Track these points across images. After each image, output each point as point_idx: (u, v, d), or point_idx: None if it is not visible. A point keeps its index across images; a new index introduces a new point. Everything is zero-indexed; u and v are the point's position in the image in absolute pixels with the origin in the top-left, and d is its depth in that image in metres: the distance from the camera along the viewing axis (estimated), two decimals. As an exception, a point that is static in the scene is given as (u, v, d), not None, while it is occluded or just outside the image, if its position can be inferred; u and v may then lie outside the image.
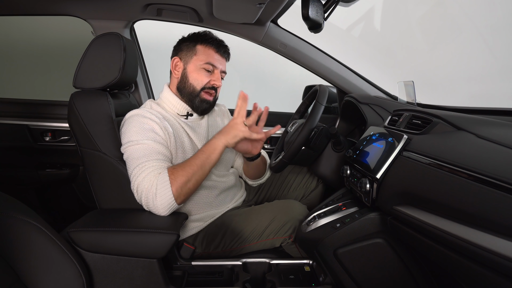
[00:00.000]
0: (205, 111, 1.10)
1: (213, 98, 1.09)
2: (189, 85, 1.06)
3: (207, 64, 1.05)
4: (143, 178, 0.88)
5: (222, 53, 1.08)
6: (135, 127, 0.95)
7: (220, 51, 1.08)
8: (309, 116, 1.09)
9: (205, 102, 1.07)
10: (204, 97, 1.06)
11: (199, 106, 1.07)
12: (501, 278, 0.48)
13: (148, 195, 0.87)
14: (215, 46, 1.07)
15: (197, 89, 1.05)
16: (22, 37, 2.14)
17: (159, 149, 0.94)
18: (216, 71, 1.07)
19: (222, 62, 1.09)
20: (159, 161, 0.92)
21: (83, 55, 0.98)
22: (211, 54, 1.06)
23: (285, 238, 1.06)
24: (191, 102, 1.07)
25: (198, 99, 1.06)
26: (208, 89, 1.06)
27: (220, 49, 1.08)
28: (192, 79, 1.05)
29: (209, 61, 1.05)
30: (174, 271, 1.02)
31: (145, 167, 0.90)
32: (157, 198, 0.87)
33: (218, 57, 1.07)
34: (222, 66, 1.09)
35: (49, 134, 1.53)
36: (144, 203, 0.89)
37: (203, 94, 1.06)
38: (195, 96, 1.06)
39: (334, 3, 0.85)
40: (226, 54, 1.10)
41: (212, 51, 1.06)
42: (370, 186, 0.82)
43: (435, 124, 0.78)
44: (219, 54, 1.07)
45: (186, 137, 1.05)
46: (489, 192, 0.51)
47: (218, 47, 1.07)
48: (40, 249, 0.74)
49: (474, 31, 1.95)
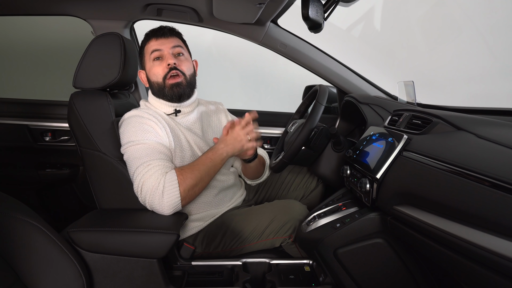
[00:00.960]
0: (181, 96, 1.05)
1: (182, 78, 1.04)
2: (154, 83, 1.05)
3: (153, 53, 1.03)
4: (149, 177, 0.88)
5: (161, 35, 1.04)
6: (134, 127, 0.95)
7: (158, 35, 1.04)
8: (309, 116, 1.09)
9: (174, 86, 1.03)
10: (170, 83, 1.03)
11: (172, 95, 1.03)
12: (501, 278, 0.48)
13: (155, 194, 0.87)
14: (153, 35, 1.05)
15: (160, 81, 1.03)
16: (22, 37, 2.14)
17: (160, 149, 0.94)
18: (165, 52, 1.03)
19: (166, 41, 1.04)
20: (163, 160, 0.93)
21: (83, 55, 0.98)
22: (152, 45, 1.04)
23: (285, 238, 1.06)
24: (165, 97, 1.05)
25: (166, 89, 1.03)
26: (168, 73, 1.03)
27: (157, 34, 1.04)
28: (152, 76, 1.05)
29: (151, 49, 1.03)
30: (174, 271, 1.02)
31: (150, 166, 0.90)
32: (164, 197, 0.87)
33: (160, 41, 1.04)
34: (167, 44, 1.03)
35: (49, 134, 1.53)
36: (148, 202, 0.89)
37: (168, 81, 1.03)
38: (162, 88, 1.04)
39: (334, 3, 0.85)
40: (166, 34, 1.05)
41: (152, 41, 1.04)
42: (370, 186, 0.82)
43: (435, 124, 0.78)
44: (160, 38, 1.04)
45: (182, 136, 1.05)
46: (489, 192, 0.51)
47: (155, 35, 1.05)
48: (40, 249, 0.74)
49: (474, 31, 1.95)
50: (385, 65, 2.27)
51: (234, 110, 1.50)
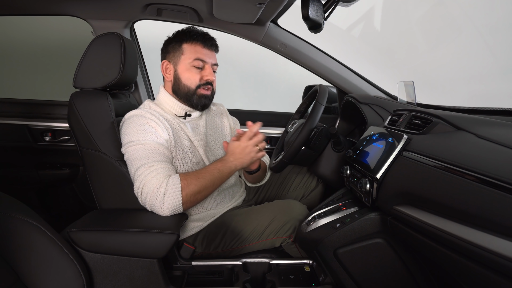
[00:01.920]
0: (205, 106, 1.09)
1: (211, 92, 1.08)
2: (183, 86, 1.05)
3: (196, 60, 1.03)
4: (151, 178, 0.88)
5: (210, 46, 1.06)
6: (135, 127, 0.95)
7: (207, 44, 1.05)
8: (309, 116, 1.09)
9: (203, 97, 1.06)
10: (201, 93, 1.05)
11: (198, 103, 1.06)
12: (501, 278, 0.48)
13: (155, 196, 0.87)
14: (201, 41, 1.05)
15: (192, 88, 1.05)
16: (22, 37, 2.14)
17: (160, 150, 0.94)
18: (207, 65, 1.05)
19: (211, 56, 1.07)
20: (164, 162, 0.93)
21: (83, 55, 0.98)
22: (198, 50, 1.04)
23: (285, 238, 1.06)
24: (189, 102, 1.06)
25: (195, 96, 1.05)
26: (203, 85, 1.05)
27: (206, 43, 1.05)
28: (185, 80, 1.04)
29: (198, 57, 1.03)
30: (174, 271, 1.02)
31: (152, 168, 0.89)
32: (165, 199, 0.87)
33: (206, 52, 1.05)
34: (211, 59, 1.07)
35: (49, 134, 1.53)
36: (149, 203, 0.89)
37: (200, 90, 1.05)
38: (192, 95, 1.05)
39: (334, 3, 0.85)
40: (213, 47, 1.08)
41: (199, 47, 1.04)
42: (370, 186, 0.82)
43: (435, 124, 0.78)
44: (207, 48, 1.05)
45: (185, 137, 1.04)
46: (489, 192, 0.51)
47: (204, 42, 1.05)
48: (40, 249, 0.73)
49: (474, 31, 1.95)
50: (385, 65, 2.27)
51: (234, 110, 1.51)
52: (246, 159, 1.00)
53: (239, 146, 1.00)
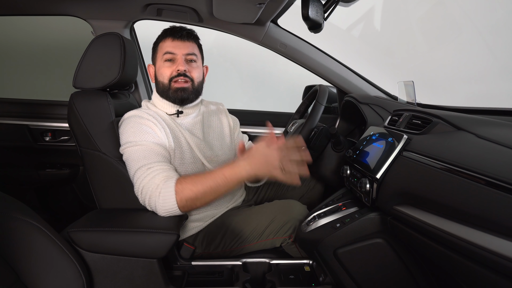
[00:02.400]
0: (184, 100, 1.04)
1: (189, 84, 1.04)
2: (159, 82, 1.05)
3: (166, 54, 1.02)
4: (149, 181, 0.88)
5: (179, 37, 1.03)
6: (133, 127, 0.95)
7: (176, 36, 1.03)
8: (309, 116, 1.09)
9: (179, 90, 1.02)
10: (175, 86, 1.02)
11: (175, 97, 1.03)
12: (501, 278, 0.48)
13: (152, 197, 0.87)
14: (170, 35, 1.03)
15: (165, 82, 1.03)
16: (22, 37, 2.14)
17: (158, 150, 0.94)
18: (177, 57, 1.02)
19: (182, 46, 1.03)
20: (162, 163, 0.92)
21: (83, 55, 0.98)
22: (167, 45, 1.03)
23: (285, 238, 1.06)
24: (169, 98, 1.04)
25: (170, 91, 1.03)
26: (175, 77, 1.03)
27: (175, 35, 1.03)
28: (159, 76, 1.05)
29: (166, 50, 1.02)
30: (174, 271, 1.02)
31: (150, 170, 0.89)
32: (159, 202, 0.86)
33: (176, 43, 1.02)
34: (182, 49, 1.03)
35: (49, 134, 1.53)
36: (148, 204, 0.89)
37: (173, 84, 1.03)
38: (167, 90, 1.03)
39: (334, 3, 0.86)
40: (185, 37, 1.03)
41: (168, 41, 1.03)
42: (370, 186, 0.82)
43: (435, 124, 0.78)
44: (177, 40, 1.03)
45: (182, 137, 1.04)
46: (489, 192, 0.51)
47: (173, 34, 1.03)
48: (40, 249, 0.73)
49: (474, 31, 1.95)
50: (385, 65, 2.27)
51: (234, 110, 1.51)
52: (264, 170, 0.84)
53: (263, 150, 0.85)
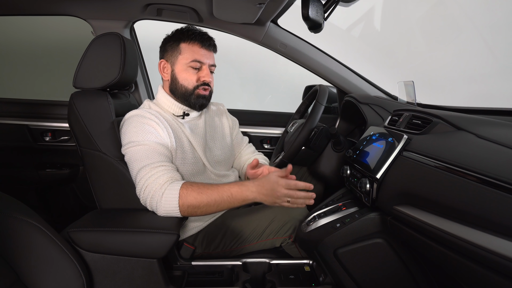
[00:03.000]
0: (203, 106, 1.08)
1: (209, 92, 1.07)
2: (181, 86, 1.04)
3: (194, 61, 1.02)
4: (154, 181, 0.87)
5: (207, 46, 1.04)
6: (135, 127, 0.95)
7: (205, 45, 1.04)
8: (309, 116, 1.09)
9: (201, 97, 1.05)
10: (199, 93, 1.04)
11: (196, 103, 1.05)
12: (501, 278, 0.48)
13: (154, 197, 0.87)
14: (199, 41, 1.03)
15: (190, 88, 1.04)
16: (22, 37, 2.14)
17: (160, 150, 0.94)
18: (204, 66, 1.04)
19: (209, 56, 1.05)
20: (165, 162, 0.92)
21: (83, 55, 0.98)
22: (196, 51, 1.03)
23: (285, 238, 1.06)
24: (187, 101, 1.05)
25: (193, 96, 1.04)
26: (201, 86, 1.04)
27: (204, 43, 1.04)
28: (182, 80, 1.04)
29: (195, 58, 1.02)
30: (174, 271, 1.02)
31: (154, 170, 0.89)
32: (162, 202, 0.86)
33: (204, 52, 1.03)
34: (209, 60, 1.05)
35: (49, 134, 1.53)
36: (149, 203, 0.89)
37: (198, 91, 1.04)
38: (189, 95, 1.04)
39: (334, 3, 0.86)
40: (212, 47, 1.06)
41: (196, 47, 1.03)
42: (370, 186, 0.82)
43: (435, 124, 0.78)
44: (205, 49, 1.04)
45: (184, 137, 1.04)
46: (489, 192, 0.51)
47: (202, 42, 1.03)
48: (40, 249, 0.73)
49: (474, 31, 1.95)
50: (385, 65, 2.27)
51: (234, 110, 1.51)
52: (269, 200, 0.88)
53: (274, 182, 0.87)
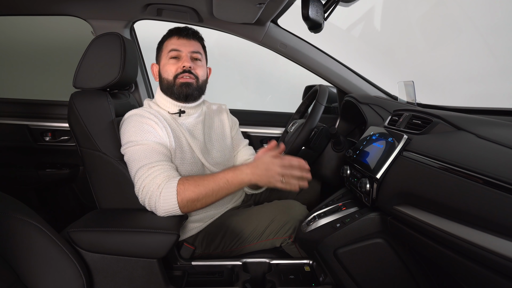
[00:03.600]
0: (190, 96, 1.04)
1: (194, 80, 1.04)
2: (164, 79, 1.05)
3: (171, 51, 1.03)
4: (150, 180, 0.87)
5: (185, 35, 1.05)
6: (134, 127, 0.95)
7: (182, 34, 1.04)
8: (309, 116, 1.09)
9: (184, 85, 1.03)
10: (180, 81, 1.03)
11: (180, 92, 1.03)
12: (501, 278, 0.48)
13: (152, 197, 0.87)
14: (176, 33, 1.05)
15: (170, 79, 1.03)
16: (22, 37, 2.14)
17: (159, 149, 0.94)
18: (183, 54, 1.03)
19: (187, 44, 1.04)
20: (164, 161, 0.92)
21: (83, 55, 0.98)
22: (173, 42, 1.04)
23: (285, 238, 1.06)
24: (173, 94, 1.05)
25: (175, 87, 1.03)
26: (181, 74, 1.03)
27: (181, 33, 1.04)
28: (163, 73, 1.05)
29: (172, 48, 1.03)
30: (174, 271, 1.02)
31: (152, 170, 0.89)
32: (160, 202, 0.86)
33: (181, 41, 1.04)
34: (188, 47, 1.04)
35: (49, 134, 1.52)
36: (147, 204, 0.89)
37: (178, 80, 1.03)
38: (172, 86, 1.04)
39: (334, 3, 0.86)
40: (190, 35, 1.05)
41: (174, 39, 1.04)
42: (370, 186, 0.82)
43: (435, 124, 0.78)
44: (182, 38, 1.04)
45: (183, 138, 1.04)
46: (489, 192, 0.51)
47: (179, 33, 1.05)
48: (40, 249, 0.73)
49: (474, 31, 1.95)
50: (385, 65, 2.27)
51: (235, 110, 1.51)
52: (263, 179, 0.88)
53: (268, 162, 0.88)
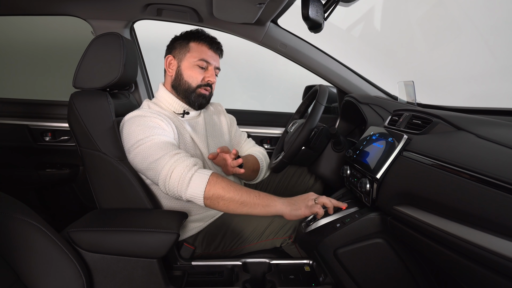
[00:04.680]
0: (201, 106, 1.10)
1: (209, 93, 1.10)
2: (184, 82, 1.06)
3: (201, 60, 1.05)
4: (181, 162, 0.85)
5: (215, 49, 1.09)
6: (139, 126, 0.93)
7: (213, 47, 1.08)
8: (309, 116, 1.09)
9: (201, 97, 1.07)
10: (200, 92, 1.07)
11: (195, 101, 1.07)
12: (501, 278, 0.48)
13: (183, 179, 0.84)
14: (208, 43, 1.07)
15: (193, 86, 1.06)
16: (22, 37, 2.14)
17: (171, 142, 0.93)
18: (210, 67, 1.07)
19: (215, 59, 1.09)
20: (180, 151, 0.91)
21: (83, 55, 0.98)
22: (204, 51, 1.06)
23: (285, 238, 1.06)
24: (187, 98, 1.07)
25: (194, 94, 1.06)
26: (204, 86, 1.07)
27: (213, 46, 1.08)
28: (187, 76, 1.05)
29: (203, 57, 1.05)
30: (174, 271, 1.02)
31: (178, 156, 0.87)
32: (190, 182, 0.84)
33: (211, 54, 1.08)
34: (215, 62, 1.09)
35: (49, 134, 1.52)
36: (177, 187, 0.85)
37: (200, 90, 1.07)
38: (191, 92, 1.06)
39: (334, 3, 0.85)
40: (219, 51, 1.11)
41: (205, 47, 1.07)
42: (370, 186, 0.82)
43: (435, 124, 0.78)
44: (212, 51, 1.08)
45: (187, 134, 1.05)
46: (489, 192, 0.51)
47: (211, 44, 1.08)
48: (40, 249, 0.73)
49: (474, 31, 1.95)
50: (385, 65, 2.27)
51: (234, 110, 1.51)
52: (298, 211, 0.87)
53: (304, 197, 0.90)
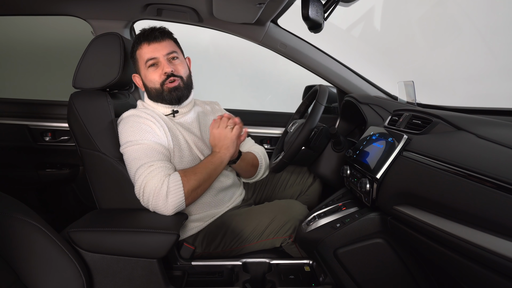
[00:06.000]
0: (181, 98, 1.06)
1: (178, 82, 1.04)
2: (151, 88, 1.04)
3: (148, 61, 1.01)
4: (152, 178, 0.88)
5: (153, 39, 1.01)
6: (132, 127, 0.95)
7: (150, 39, 1.01)
8: (309, 116, 1.09)
9: (172, 90, 1.03)
10: (168, 88, 1.02)
11: (171, 97, 1.04)
12: (501, 278, 0.48)
13: (159, 195, 0.87)
14: (145, 40, 1.01)
15: (157, 86, 1.03)
16: (22, 37, 2.14)
17: (158, 149, 0.94)
18: (160, 59, 1.01)
19: (159, 48, 1.01)
20: (163, 161, 0.93)
21: (82, 55, 0.98)
22: (145, 51, 1.01)
23: (285, 238, 1.06)
24: (163, 100, 1.05)
25: (164, 93, 1.03)
26: (166, 80, 1.02)
27: (149, 39, 1.01)
28: (148, 82, 1.04)
29: (146, 58, 1.01)
30: (174, 271, 1.02)
31: (152, 168, 0.90)
32: (168, 198, 0.88)
33: (152, 48, 1.01)
34: (161, 51, 1.02)
35: (49, 134, 1.53)
36: (152, 204, 0.89)
37: (165, 86, 1.02)
38: (161, 93, 1.03)
39: (334, 3, 0.85)
40: (159, 38, 1.02)
41: (145, 46, 1.01)
42: (370, 186, 0.82)
43: (435, 124, 0.78)
44: (153, 43, 1.01)
45: (181, 135, 1.05)
46: (489, 192, 0.51)
47: (147, 39, 1.01)
48: (40, 249, 0.74)
49: (474, 31, 1.95)
50: (385, 65, 2.27)
51: (234, 110, 1.50)
52: (228, 144, 1.01)
53: (217, 134, 1.02)
